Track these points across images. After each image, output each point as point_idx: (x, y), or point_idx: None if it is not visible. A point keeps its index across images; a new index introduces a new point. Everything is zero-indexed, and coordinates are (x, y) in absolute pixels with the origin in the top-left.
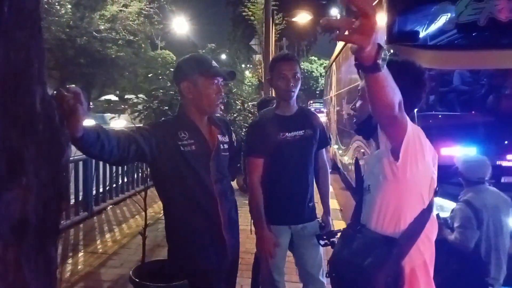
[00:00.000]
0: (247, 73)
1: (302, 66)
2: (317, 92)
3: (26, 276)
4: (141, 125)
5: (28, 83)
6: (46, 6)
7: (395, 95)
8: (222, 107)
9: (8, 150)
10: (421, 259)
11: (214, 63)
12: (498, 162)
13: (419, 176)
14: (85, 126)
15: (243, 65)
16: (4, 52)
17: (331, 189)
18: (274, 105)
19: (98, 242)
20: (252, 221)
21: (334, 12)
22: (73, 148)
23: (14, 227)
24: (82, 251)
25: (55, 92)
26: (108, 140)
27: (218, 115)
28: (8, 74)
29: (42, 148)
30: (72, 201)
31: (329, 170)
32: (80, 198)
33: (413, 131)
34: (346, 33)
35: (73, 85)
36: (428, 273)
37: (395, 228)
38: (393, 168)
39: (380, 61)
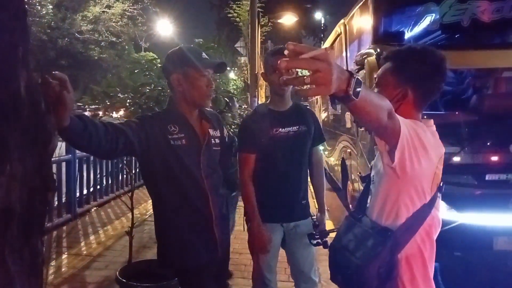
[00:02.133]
0: (232, 75)
1: None
2: None
3: (10, 268)
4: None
5: (13, 67)
6: (26, 6)
7: (381, 110)
8: (210, 103)
9: None
10: (419, 254)
11: (204, 54)
12: (482, 161)
13: (421, 171)
14: (71, 115)
15: (227, 68)
16: None
17: None
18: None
19: (82, 244)
20: (244, 218)
21: (318, 15)
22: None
23: None
24: (65, 253)
25: (40, 79)
26: (96, 130)
27: (209, 109)
28: None
29: (27, 134)
30: (55, 203)
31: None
32: (63, 200)
33: (409, 130)
34: (306, 86)
35: (58, 72)
36: (426, 269)
37: (394, 220)
38: (391, 167)
39: (351, 92)
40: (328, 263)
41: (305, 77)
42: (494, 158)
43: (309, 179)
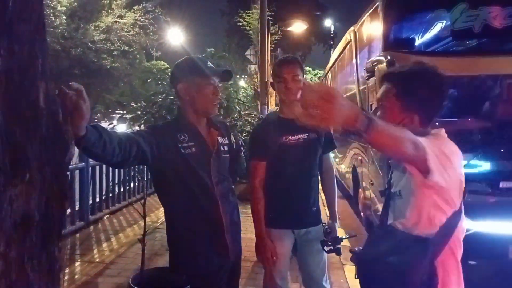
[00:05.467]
0: (242, 83)
1: None
2: None
3: (29, 274)
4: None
5: (32, 78)
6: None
7: (401, 143)
8: (217, 111)
9: (12, 146)
10: (453, 259)
11: (209, 63)
12: (496, 168)
13: (451, 183)
14: (87, 125)
15: (237, 76)
16: (8, 46)
17: None
18: None
19: (95, 251)
20: None
21: (328, 23)
22: None
23: (17, 223)
24: (78, 260)
25: (57, 90)
26: (110, 139)
27: (220, 117)
28: (12, 68)
29: (45, 144)
30: (68, 211)
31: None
32: (76, 207)
33: (435, 151)
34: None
35: (74, 83)
36: (459, 271)
37: (429, 229)
38: (426, 184)
39: (361, 127)
40: (358, 276)
41: (314, 112)
42: (509, 165)
43: (320, 187)
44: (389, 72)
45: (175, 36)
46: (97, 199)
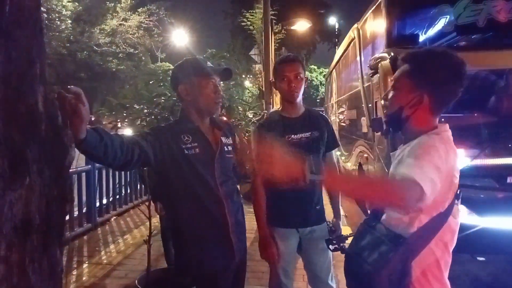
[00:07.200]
0: (247, 83)
1: None
2: (318, 100)
3: (30, 277)
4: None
5: (30, 82)
6: (46, 22)
7: (379, 199)
8: (219, 110)
9: (11, 150)
10: (435, 263)
11: (208, 63)
12: (503, 163)
13: (439, 188)
14: (87, 128)
15: (243, 76)
16: (6, 52)
17: None
18: None
19: (103, 253)
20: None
21: (332, 21)
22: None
23: (18, 227)
24: (86, 262)
25: (56, 94)
26: (111, 142)
27: (224, 118)
28: (10, 74)
29: (45, 148)
30: (76, 213)
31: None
32: (84, 210)
33: (433, 176)
34: None
35: (73, 86)
36: (442, 280)
37: (407, 228)
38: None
39: (312, 182)
40: (344, 270)
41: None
42: None
43: None
44: (407, 52)
45: (180, 37)
46: (104, 201)
